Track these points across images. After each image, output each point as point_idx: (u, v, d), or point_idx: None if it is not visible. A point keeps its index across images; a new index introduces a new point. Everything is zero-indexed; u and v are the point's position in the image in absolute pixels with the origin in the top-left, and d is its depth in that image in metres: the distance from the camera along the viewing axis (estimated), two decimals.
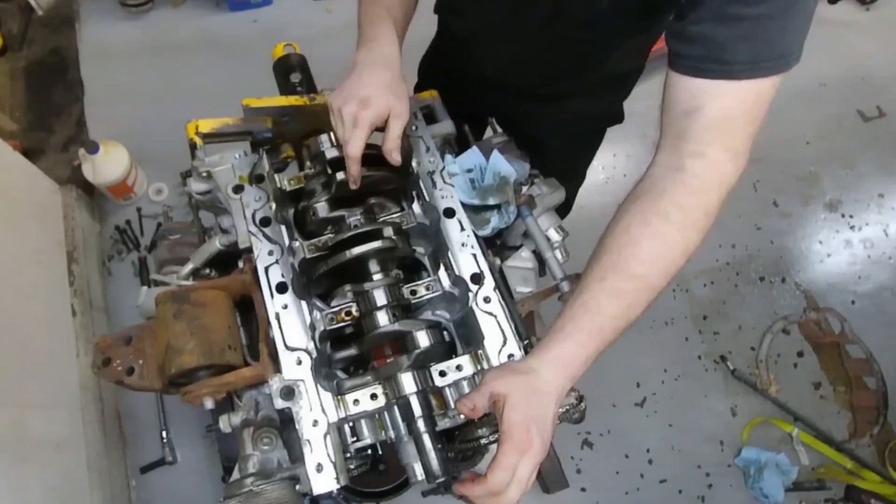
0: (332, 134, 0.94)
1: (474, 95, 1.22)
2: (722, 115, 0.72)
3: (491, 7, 1.02)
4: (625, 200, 0.77)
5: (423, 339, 0.86)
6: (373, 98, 0.84)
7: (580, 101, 1.18)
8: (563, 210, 1.11)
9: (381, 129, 0.86)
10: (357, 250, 0.84)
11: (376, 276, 0.89)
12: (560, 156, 1.26)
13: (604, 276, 0.74)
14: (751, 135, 0.73)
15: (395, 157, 0.87)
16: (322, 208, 0.93)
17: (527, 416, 0.69)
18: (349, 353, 0.90)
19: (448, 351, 0.93)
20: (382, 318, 0.86)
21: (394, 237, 0.88)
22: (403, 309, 0.90)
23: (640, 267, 0.73)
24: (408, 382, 0.84)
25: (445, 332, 0.95)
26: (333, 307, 0.88)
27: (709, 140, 0.72)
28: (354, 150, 0.83)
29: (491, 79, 1.16)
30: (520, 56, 1.08)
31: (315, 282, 0.88)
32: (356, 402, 0.84)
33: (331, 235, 0.91)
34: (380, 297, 0.87)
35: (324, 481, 0.78)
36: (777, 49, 0.69)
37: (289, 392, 0.82)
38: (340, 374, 0.93)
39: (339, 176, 0.89)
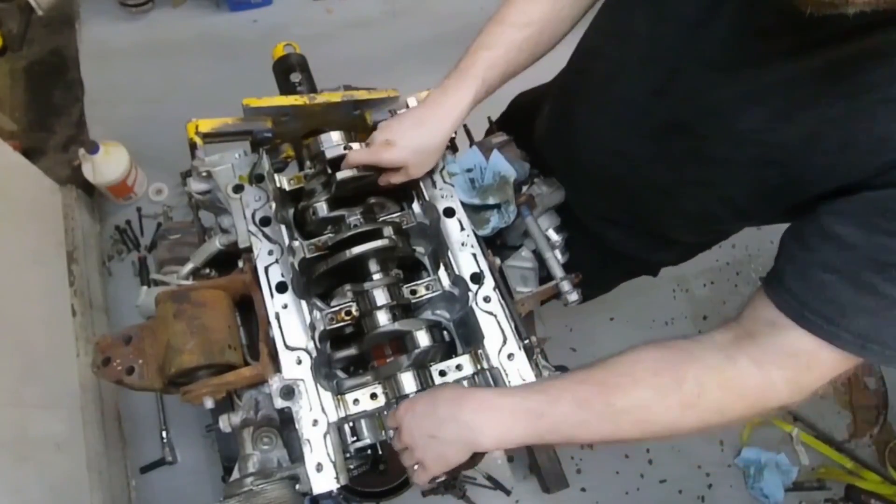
0: (332, 134, 0.94)
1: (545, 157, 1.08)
2: (806, 359, 0.63)
3: (616, 105, 0.85)
4: (662, 341, 0.70)
5: (423, 339, 0.86)
6: (395, 152, 0.88)
7: (632, 241, 1.04)
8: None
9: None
10: (357, 250, 0.84)
11: (376, 276, 0.89)
12: (583, 263, 1.09)
13: (585, 381, 0.70)
14: (822, 383, 0.64)
15: (381, 181, 0.93)
16: (322, 208, 0.93)
17: (419, 426, 0.74)
18: (349, 353, 0.90)
19: (448, 350, 0.93)
20: (382, 318, 0.86)
21: (394, 237, 0.88)
22: (403, 308, 0.90)
23: (621, 402, 0.67)
24: (408, 382, 0.84)
25: (445, 332, 0.96)
26: (333, 307, 0.88)
27: (778, 364, 0.64)
28: (351, 160, 0.89)
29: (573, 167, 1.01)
30: (613, 163, 0.90)
31: (315, 281, 0.88)
32: (356, 401, 0.84)
33: (331, 235, 0.91)
34: (380, 297, 0.87)
35: (324, 481, 0.78)
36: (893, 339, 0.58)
37: (289, 391, 0.82)
38: (340, 373, 0.93)
39: (339, 175, 0.89)
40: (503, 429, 0.70)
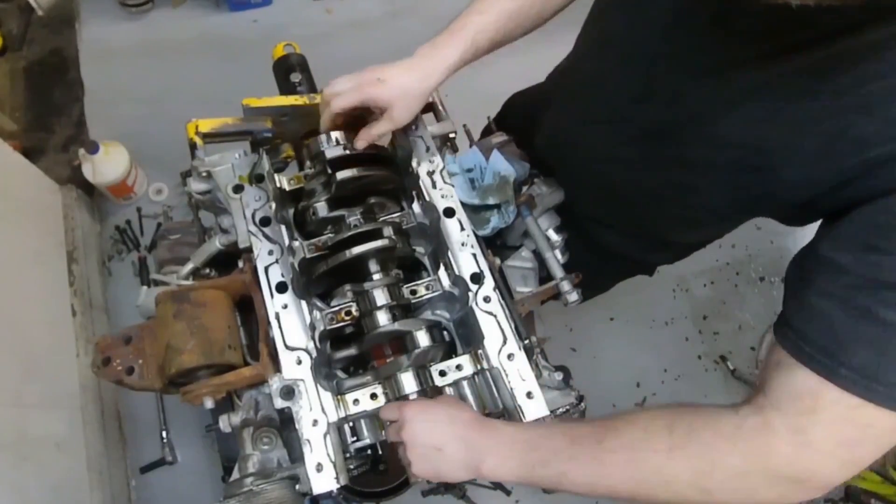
0: (332, 134, 0.94)
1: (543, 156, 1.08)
2: (809, 402, 0.56)
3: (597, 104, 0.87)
4: (693, 408, 0.65)
5: (423, 339, 0.86)
6: (384, 90, 0.87)
7: (627, 242, 1.04)
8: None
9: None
10: (357, 250, 0.84)
11: (376, 276, 0.89)
12: (581, 263, 1.09)
13: (586, 421, 0.72)
14: (845, 462, 0.55)
15: (357, 145, 0.90)
16: (322, 208, 0.93)
17: (428, 432, 0.75)
18: (349, 353, 0.90)
19: (448, 350, 0.93)
20: (382, 318, 0.86)
21: (393, 237, 0.88)
22: (403, 309, 0.90)
23: (612, 441, 0.65)
24: (408, 382, 0.84)
25: (445, 332, 0.96)
26: (333, 307, 0.88)
27: (778, 406, 0.58)
28: (336, 105, 0.87)
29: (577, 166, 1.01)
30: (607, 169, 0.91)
31: (315, 281, 0.88)
32: (356, 401, 0.84)
33: (331, 235, 0.91)
34: (380, 297, 0.87)
35: (324, 481, 0.78)
36: None
37: (289, 392, 0.82)
38: (340, 373, 0.93)
39: (339, 175, 0.89)
40: (500, 458, 0.72)
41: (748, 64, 0.62)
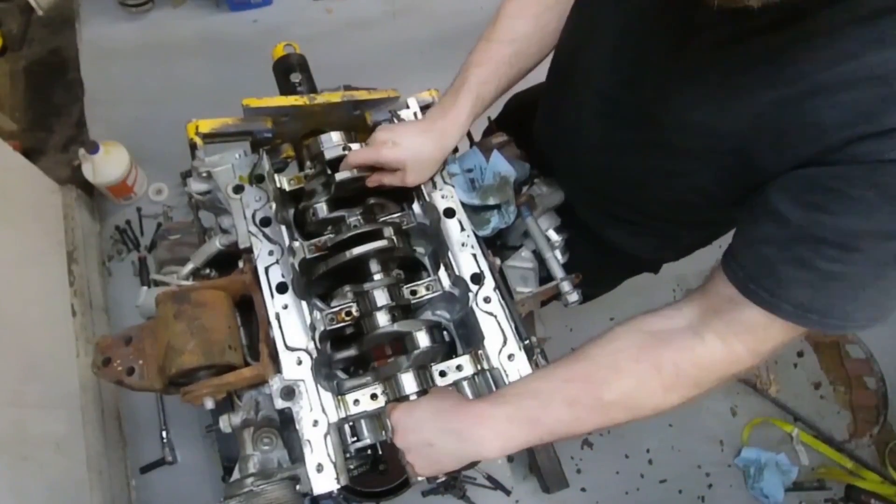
0: (332, 134, 0.94)
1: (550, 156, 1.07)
2: (762, 331, 0.67)
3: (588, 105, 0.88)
4: (630, 320, 0.74)
5: (423, 340, 0.86)
6: (398, 152, 0.89)
7: (632, 239, 1.05)
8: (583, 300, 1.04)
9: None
10: (357, 250, 0.84)
11: (376, 277, 0.89)
12: (583, 262, 1.10)
13: (571, 379, 0.72)
14: (779, 348, 0.69)
15: (368, 183, 0.93)
16: (322, 208, 0.93)
17: (416, 430, 0.76)
18: (349, 354, 0.90)
19: (448, 351, 0.93)
20: (382, 319, 0.86)
21: (394, 237, 0.88)
22: (403, 309, 0.90)
23: (610, 395, 0.70)
24: (408, 382, 0.84)
25: (445, 332, 0.96)
26: (333, 307, 0.88)
27: (740, 338, 0.68)
28: (352, 160, 0.90)
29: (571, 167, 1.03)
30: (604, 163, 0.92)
31: (315, 282, 0.88)
32: (356, 402, 0.84)
33: (331, 236, 0.91)
34: (380, 298, 0.87)
35: (324, 481, 0.78)
36: (835, 310, 0.61)
37: (289, 392, 0.82)
38: (340, 374, 0.93)
39: (339, 176, 0.89)
40: (504, 438, 0.72)
41: (712, 50, 0.65)
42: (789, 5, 0.51)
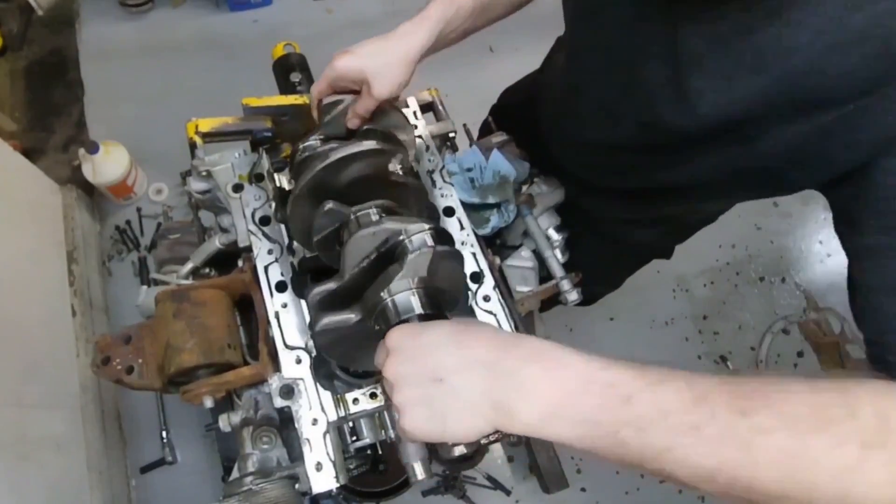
0: None
1: (554, 155, 1.03)
2: None
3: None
4: (858, 382, 0.47)
5: None
6: (352, 58, 0.82)
7: (640, 230, 1.03)
8: (586, 301, 1.00)
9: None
10: None
11: None
12: (592, 258, 1.08)
13: (746, 409, 0.44)
14: None
15: (349, 124, 0.86)
16: None
17: (422, 357, 0.51)
18: None
19: None
20: None
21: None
22: None
23: (763, 417, 0.43)
24: None
25: None
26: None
27: None
28: (313, 92, 0.86)
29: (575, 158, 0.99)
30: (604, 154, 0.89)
31: (314, 281, 0.88)
32: (356, 401, 0.84)
33: None
34: None
35: (323, 480, 0.78)
36: None
37: (288, 391, 0.82)
38: (340, 372, 0.93)
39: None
40: (559, 398, 0.46)
41: (694, 30, 0.61)
42: None
